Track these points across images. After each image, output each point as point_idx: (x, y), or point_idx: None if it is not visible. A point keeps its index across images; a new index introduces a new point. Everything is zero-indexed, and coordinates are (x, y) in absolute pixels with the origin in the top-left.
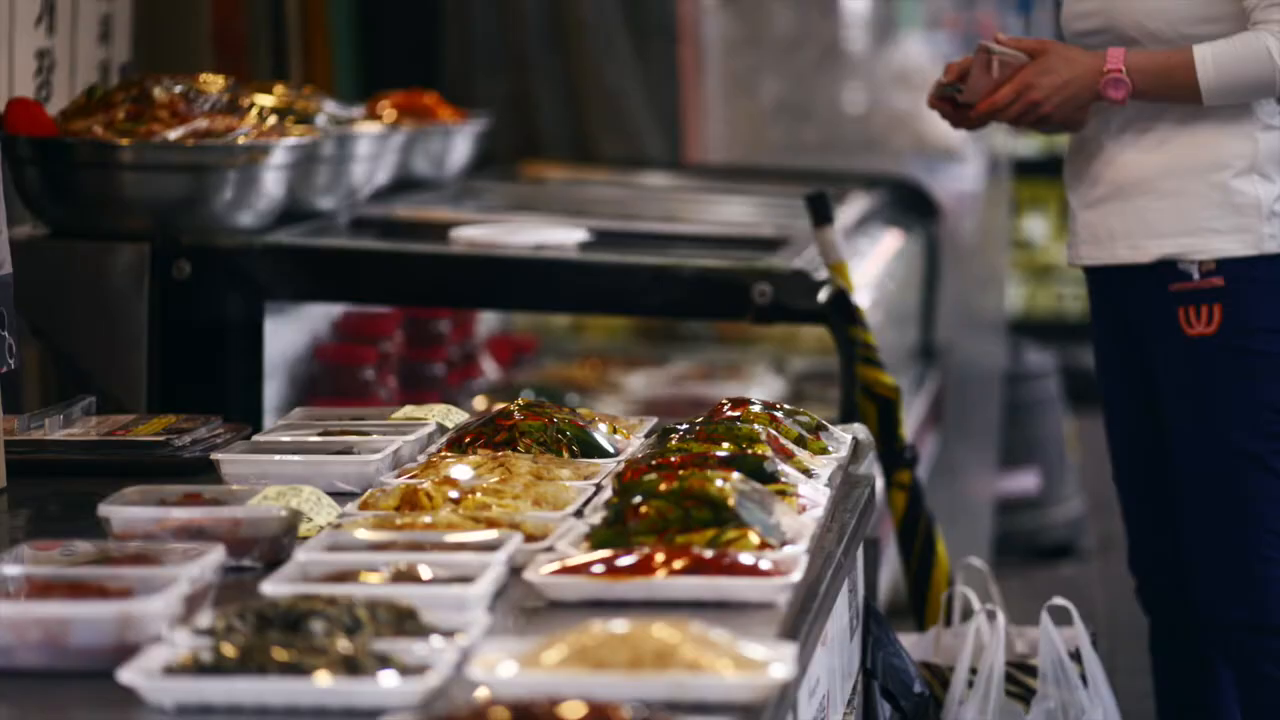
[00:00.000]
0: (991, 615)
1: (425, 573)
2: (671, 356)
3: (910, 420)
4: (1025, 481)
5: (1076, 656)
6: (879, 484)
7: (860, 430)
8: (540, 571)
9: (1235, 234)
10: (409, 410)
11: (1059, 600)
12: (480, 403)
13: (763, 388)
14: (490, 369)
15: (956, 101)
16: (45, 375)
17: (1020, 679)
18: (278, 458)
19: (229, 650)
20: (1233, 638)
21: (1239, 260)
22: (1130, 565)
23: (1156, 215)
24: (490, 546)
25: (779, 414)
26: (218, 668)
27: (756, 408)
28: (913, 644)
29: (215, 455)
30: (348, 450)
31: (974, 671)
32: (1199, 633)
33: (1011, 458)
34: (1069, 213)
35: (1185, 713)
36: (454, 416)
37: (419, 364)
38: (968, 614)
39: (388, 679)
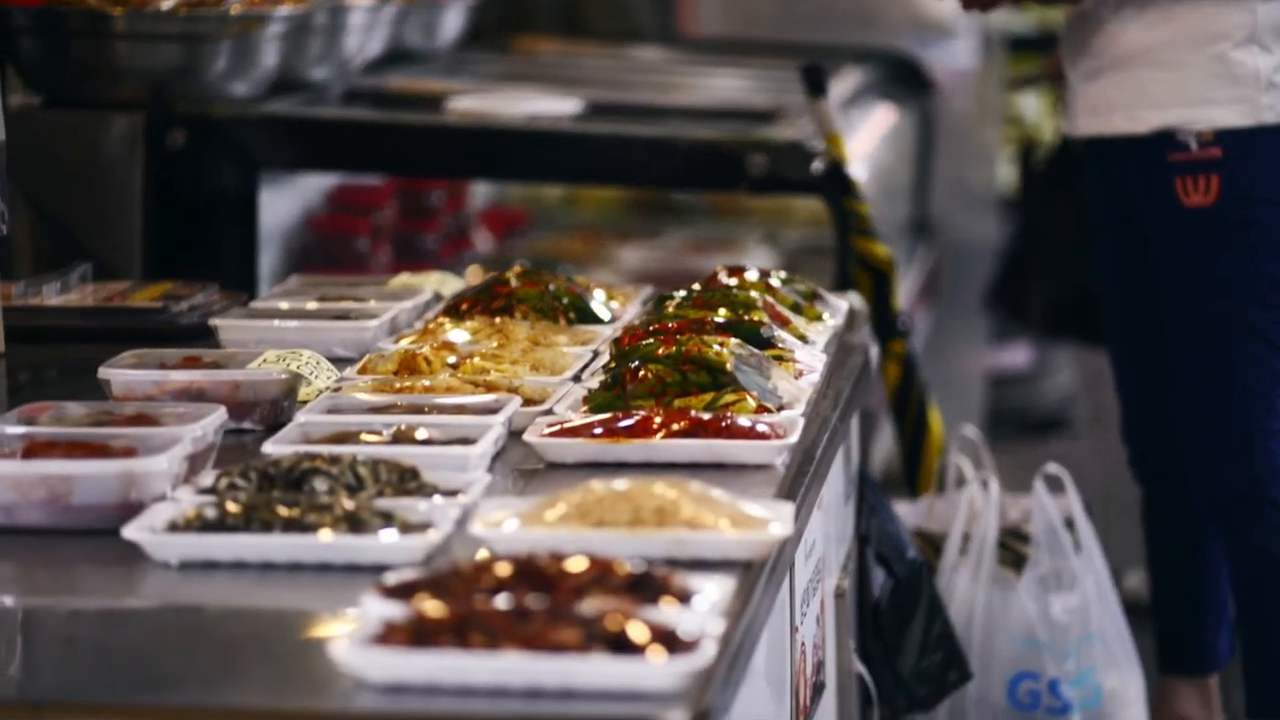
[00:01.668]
0: (985, 483)
1: (425, 434)
2: (664, 230)
3: (903, 294)
4: (1017, 356)
5: (1069, 525)
6: (874, 353)
7: (855, 299)
8: (540, 433)
9: (1233, 104)
10: (405, 278)
11: (1052, 468)
12: (474, 274)
13: (756, 261)
14: (483, 241)
15: None
16: (39, 244)
17: (1013, 546)
18: (276, 323)
19: (233, 507)
20: (1226, 509)
21: (1237, 131)
22: (1124, 435)
23: (1155, 86)
24: (489, 409)
25: (775, 282)
26: (222, 524)
27: (753, 275)
28: (906, 512)
29: (213, 321)
30: (345, 316)
31: (967, 539)
32: (1192, 503)
33: (1003, 333)
34: (1066, 85)
35: (1177, 582)
36: (450, 284)
37: (412, 235)
38: (961, 483)
39: (391, 535)
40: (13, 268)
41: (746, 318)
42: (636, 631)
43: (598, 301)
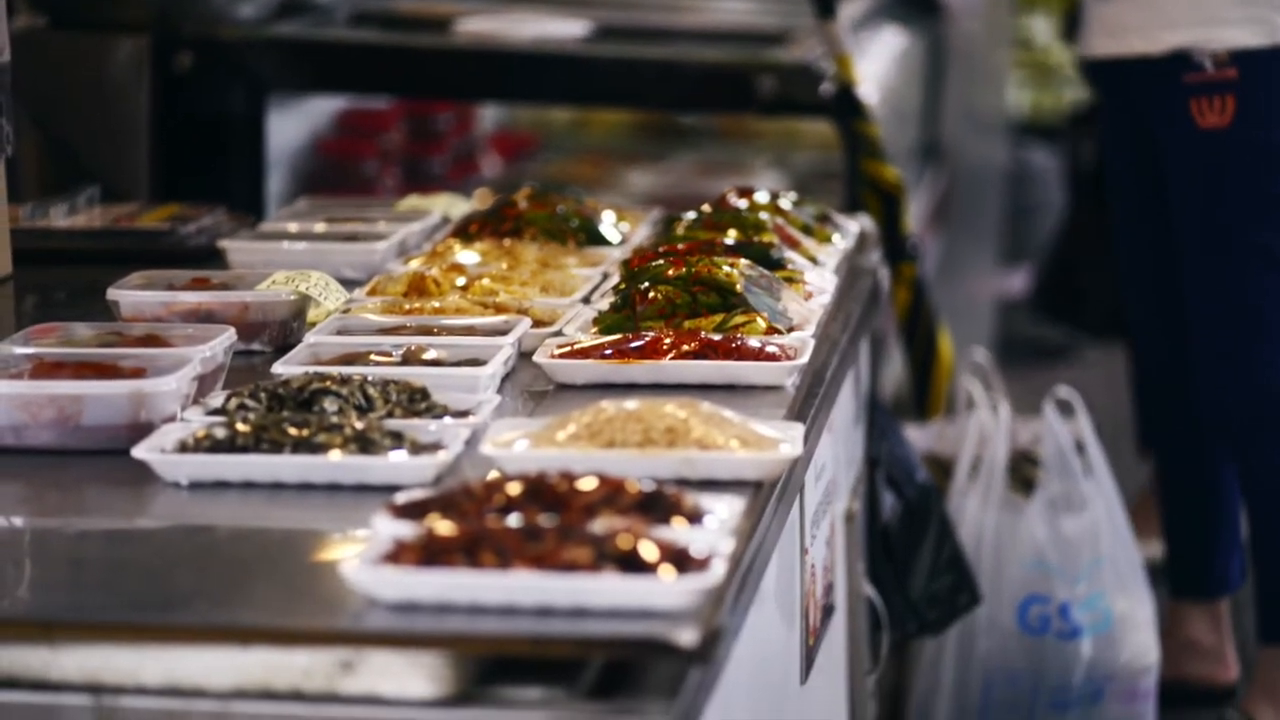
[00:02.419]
0: (995, 407)
1: (435, 355)
2: (672, 154)
3: (913, 218)
4: (1027, 282)
5: (1080, 449)
6: (884, 276)
7: (865, 221)
8: (549, 355)
9: (1249, 24)
10: (413, 200)
11: (1063, 392)
12: (482, 197)
13: (765, 184)
14: (491, 165)
15: None
16: (45, 167)
17: (1023, 470)
18: (284, 245)
19: (243, 428)
20: (1237, 431)
21: (1253, 52)
22: (1135, 362)
23: (1171, 6)
24: (499, 331)
25: (785, 204)
26: (232, 445)
27: (763, 197)
28: (916, 436)
29: (222, 243)
30: (353, 238)
31: (977, 462)
32: (1202, 427)
33: (1014, 259)
34: (1083, 7)
35: (1188, 506)
36: (458, 207)
37: (420, 159)
38: (971, 407)
39: (401, 456)
40: (20, 190)
41: (756, 239)
42: (647, 550)
43: (607, 223)
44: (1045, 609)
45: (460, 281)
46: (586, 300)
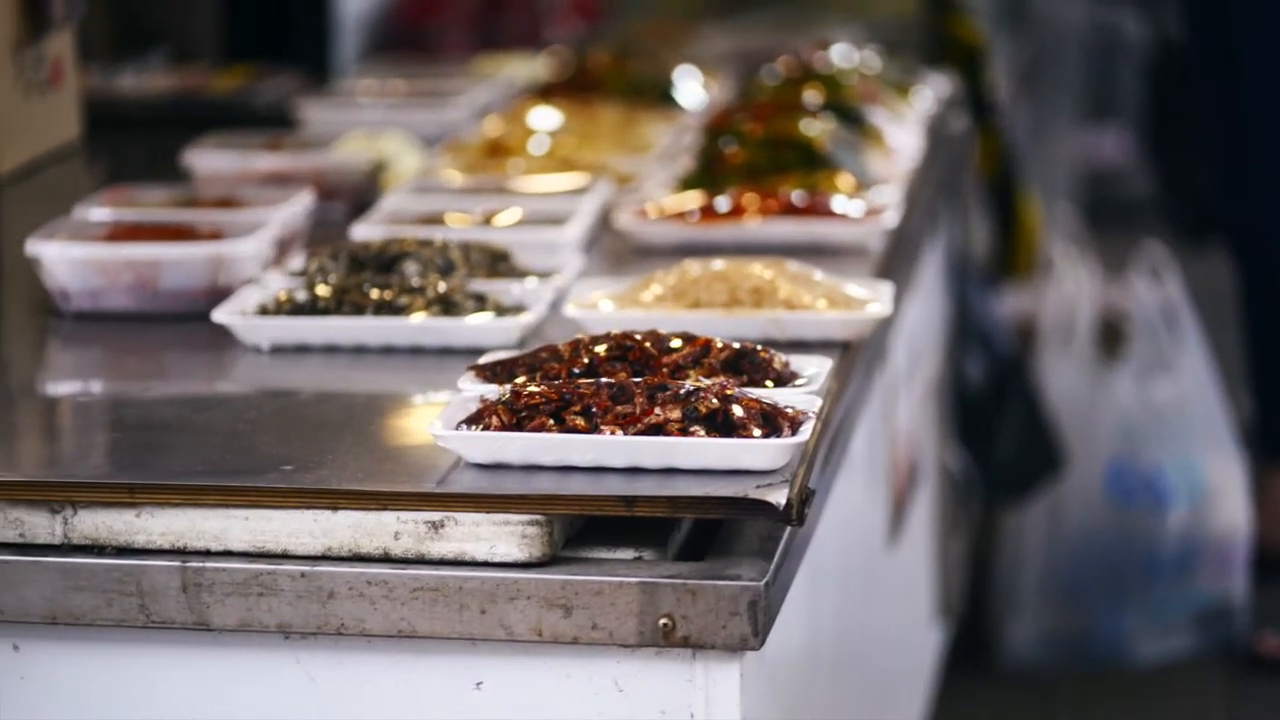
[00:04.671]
0: (1083, 270)
1: (516, 216)
2: (749, 15)
3: (999, 79)
4: (1116, 147)
5: (1169, 313)
6: (969, 136)
7: (948, 80)
8: (631, 216)
9: None
10: (490, 62)
11: (1153, 255)
12: (558, 58)
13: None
14: (564, 28)
15: None
16: (114, 28)
17: (1112, 334)
18: (361, 106)
19: (323, 290)
20: None
21: None
22: (1220, 211)
23: None
24: (579, 192)
25: (869, 61)
26: (313, 307)
27: (846, 54)
28: (1003, 298)
29: (298, 104)
30: (431, 99)
31: (1065, 326)
32: None
33: (1101, 122)
34: None
35: (1276, 363)
36: (534, 69)
37: (492, 22)
38: (1059, 270)
39: (484, 317)
40: (90, 52)
41: (840, 97)
42: (737, 410)
43: (686, 83)
44: (1134, 474)
45: (538, 142)
46: (666, 161)
